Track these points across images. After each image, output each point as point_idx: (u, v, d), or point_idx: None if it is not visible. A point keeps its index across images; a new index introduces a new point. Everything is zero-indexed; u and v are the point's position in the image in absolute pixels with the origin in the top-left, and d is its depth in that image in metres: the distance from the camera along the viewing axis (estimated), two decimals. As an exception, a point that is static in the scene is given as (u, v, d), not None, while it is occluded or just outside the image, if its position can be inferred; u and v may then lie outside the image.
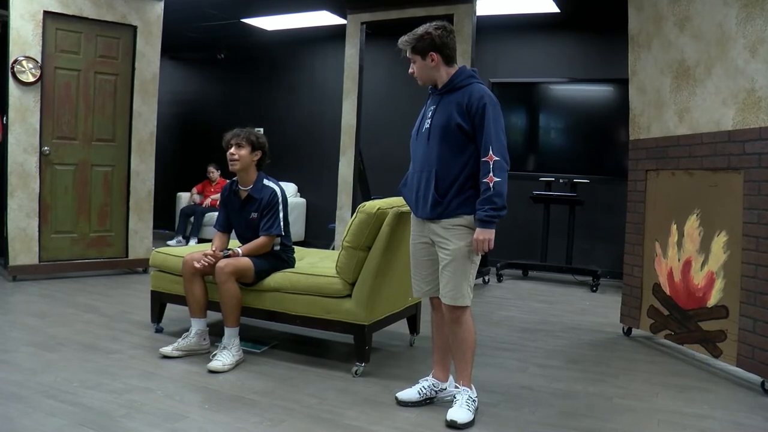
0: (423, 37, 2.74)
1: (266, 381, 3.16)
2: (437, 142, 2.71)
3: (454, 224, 2.71)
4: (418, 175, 2.80)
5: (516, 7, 6.44)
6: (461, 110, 2.67)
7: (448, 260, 2.73)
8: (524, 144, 6.73)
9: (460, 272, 2.72)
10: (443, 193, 2.70)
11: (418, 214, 2.83)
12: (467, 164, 2.69)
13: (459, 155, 2.69)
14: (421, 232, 2.86)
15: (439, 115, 2.74)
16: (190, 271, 3.48)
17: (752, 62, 3.27)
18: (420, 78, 2.81)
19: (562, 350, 3.96)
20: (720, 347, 3.47)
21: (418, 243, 2.89)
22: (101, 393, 2.88)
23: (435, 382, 2.94)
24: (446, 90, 2.76)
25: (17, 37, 5.14)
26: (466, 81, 2.74)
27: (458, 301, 2.73)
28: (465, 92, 2.70)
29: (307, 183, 8.49)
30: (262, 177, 3.64)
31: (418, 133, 2.84)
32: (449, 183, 2.69)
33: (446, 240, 2.73)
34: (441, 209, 2.71)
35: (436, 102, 2.78)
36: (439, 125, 2.71)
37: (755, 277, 3.23)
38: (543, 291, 6.02)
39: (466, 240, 2.71)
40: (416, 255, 2.92)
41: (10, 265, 5.25)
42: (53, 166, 5.47)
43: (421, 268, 2.91)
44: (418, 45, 2.74)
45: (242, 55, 8.99)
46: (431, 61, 2.74)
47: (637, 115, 4.28)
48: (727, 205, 3.47)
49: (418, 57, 2.76)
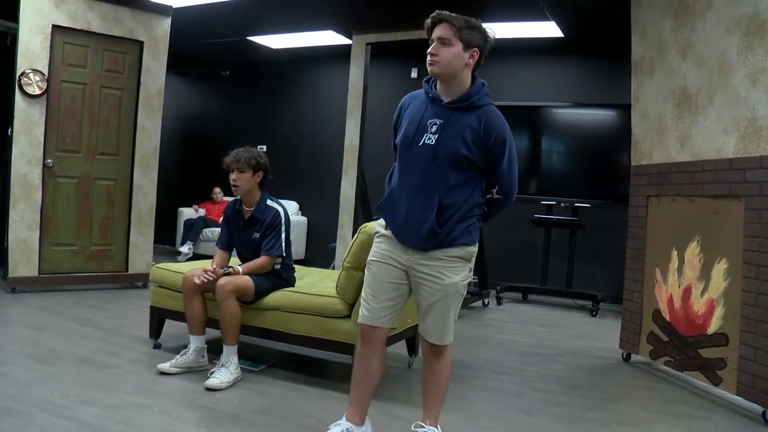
0: (478, 29, 2.36)
1: (263, 400, 3.14)
2: (443, 167, 2.36)
3: (449, 255, 2.40)
4: (410, 197, 2.41)
5: (520, 31, 6.50)
6: (476, 138, 2.34)
7: (438, 297, 2.41)
8: (526, 167, 6.74)
9: (450, 310, 2.45)
10: (443, 224, 2.37)
11: (404, 241, 2.44)
12: (472, 194, 2.42)
13: (465, 184, 2.39)
14: (397, 256, 2.46)
15: (449, 135, 2.35)
16: (190, 288, 3.48)
17: (753, 91, 3.30)
18: (444, 67, 2.34)
19: (561, 375, 3.94)
20: (720, 375, 3.45)
21: (387, 264, 2.48)
22: (97, 408, 2.86)
23: (350, 427, 2.53)
24: (460, 106, 2.38)
25: (25, 49, 5.18)
26: (483, 100, 2.40)
27: (448, 339, 2.50)
28: (482, 117, 2.36)
29: (308, 201, 8.50)
30: (266, 197, 3.65)
31: (413, 146, 2.41)
32: (451, 213, 2.37)
33: (439, 274, 2.40)
34: (438, 240, 2.38)
35: (444, 116, 2.38)
36: (447, 149, 2.35)
37: (756, 305, 3.22)
38: (542, 315, 6.00)
39: (461, 274, 2.43)
40: (380, 276, 2.49)
41: (9, 277, 5.24)
42: (56, 179, 5.49)
43: (378, 291, 2.48)
44: (467, 32, 2.34)
45: (247, 73, 9.05)
46: (470, 57, 2.35)
47: (639, 140, 4.30)
48: (727, 232, 3.47)
49: (459, 44, 2.32)
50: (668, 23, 3.98)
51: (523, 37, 6.66)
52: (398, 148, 2.52)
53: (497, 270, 6.81)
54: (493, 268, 6.62)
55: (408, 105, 2.55)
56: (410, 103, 2.54)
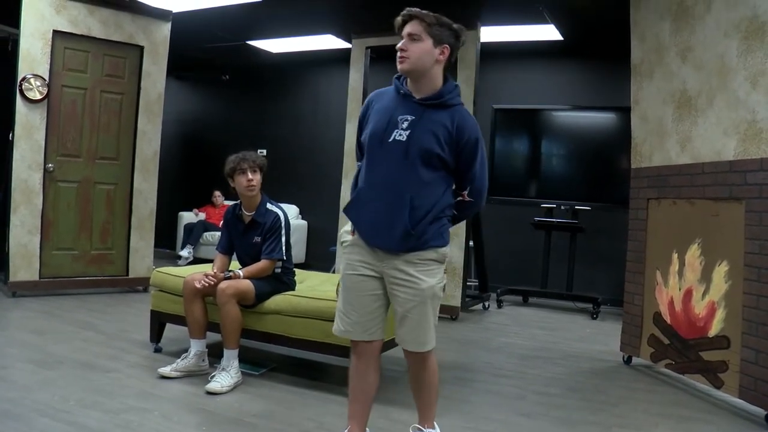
0: (449, 27, 2.32)
1: (264, 404, 3.14)
2: (415, 164, 2.29)
3: (423, 258, 2.32)
4: (379, 195, 2.34)
5: (520, 34, 6.52)
6: (448, 137, 2.30)
7: (415, 302, 2.32)
8: (526, 170, 6.76)
9: (429, 314, 2.35)
10: (416, 224, 2.28)
11: (375, 243, 2.35)
12: (443, 194, 2.36)
13: (437, 184, 2.33)
14: (369, 263, 2.38)
15: (421, 132, 2.29)
16: (191, 292, 3.48)
17: (753, 94, 3.30)
18: (413, 63, 2.30)
19: (562, 378, 3.93)
20: (721, 378, 3.45)
21: (361, 275, 2.39)
22: (98, 412, 2.86)
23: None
24: (432, 104, 2.33)
25: (26, 55, 5.20)
26: (455, 100, 2.36)
27: (426, 347, 2.39)
28: (453, 116, 2.32)
29: (308, 205, 8.50)
30: (266, 201, 3.65)
31: (383, 143, 2.33)
32: (423, 213, 2.29)
33: (413, 278, 2.31)
34: (412, 241, 2.29)
35: (416, 112, 2.32)
36: (419, 145, 2.29)
37: (757, 308, 3.22)
38: (543, 318, 6.00)
39: (437, 277, 2.36)
40: (355, 289, 2.41)
41: (10, 281, 5.25)
42: (57, 183, 5.49)
43: (358, 306, 2.40)
44: (438, 29, 2.30)
45: (247, 77, 9.07)
46: (440, 54, 2.31)
47: (639, 143, 4.30)
48: (728, 234, 3.47)
49: (429, 40, 2.29)
50: (667, 26, 3.99)
51: (522, 40, 6.69)
52: (366, 146, 2.41)
53: (498, 273, 6.81)
54: (494, 271, 6.62)
55: (375, 101, 2.48)
56: (378, 99, 2.47)
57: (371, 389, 2.51)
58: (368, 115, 2.47)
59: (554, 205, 6.43)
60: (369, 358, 2.47)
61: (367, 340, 2.44)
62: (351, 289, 2.43)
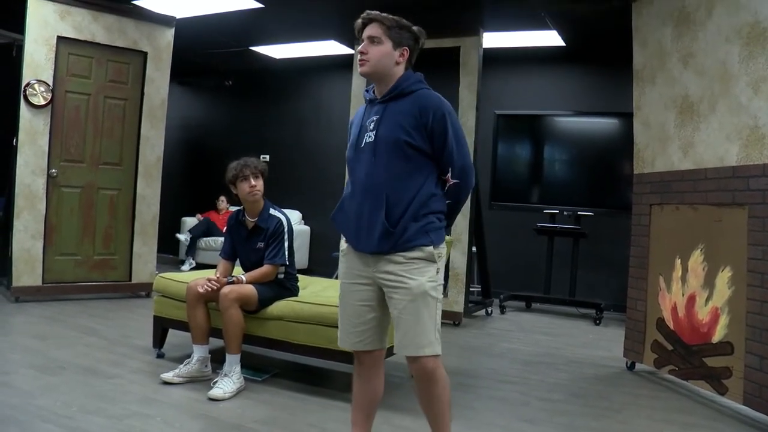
0: (408, 29, 2.34)
1: (267, 409, 3.13)
2: (385, 160, 2.25)
3: (409, 257, 2.24)
4: (359, 199, 2.30)
5: (522, 40, 6.53)
6: (414, 122, 2.24)
7: (406, 302, 2.22)
8: (528, 176, 6.76)
9: (424, 314, 2.22)
10: (395, 222, 2.22)
11: (359, 247, 2.31)
12: (423, 185, 2.26)
13: (413, 175, 2.25)
14: (359, 270, 2.34)
15: (385, 126, 2.27)
16: (193, 298, 3.48)
17: (755, 99, 3.30)
18: (373, 65, 2.30)
19: (565, 384, 3.92)
20: (725, 384, 3.44)
21: (354, 284, 2.36)
22: (100, 418, 2.86)
23: None
24: (391, 96, 2.31)
25: (30, 60, 5.22)
26: (415, 86, 2.32)
27: (425, 350, 2.22)
28: (415, 100, 2.28)
29: (311, 211, 8.51)
30: (269, 206, 3.66)
31: (357, 150, 2.34)
32: (402, 209, 2.22)
33: (401, 278, 2.23)
34: (393, 241, 2.22)
35: (380, 111, 2.31)
36: (386, 139, 2.25)
37: (761, 314, 3.21)
38: (546, 323, 5.99)
39: (427, 274, 2.24)
40: (348, 299, 2.38)
41: (13, 286, 5.26)
42: (60, 188, 5.51)
43: (352, 316, 2.37)
44: (397, 31, 2.32)
45: (250, 83, 9.09)
46: (400, 56, 2.32)
47: (641, 149, 4.30)
48: (731, 240, 3.47)
49: (389, 43, 2.30)
50: (669, 32, 3.99)
51: (524, 46, 6.70)
52: (347, 158, 2.43)
53: (500, 279, 6.80)
54: (496, 277, 6.61)
55: (353, 121, 2.50)
56: (356, 116, 2.49)
57: (374, 397, 2.47)
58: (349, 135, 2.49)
59: (557, 210, 6.43)
60: (371, 366, 2.43)
61: (363, 350, 2.40)
62: (345, 297, 2.40)
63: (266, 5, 5.88)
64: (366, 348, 2.39)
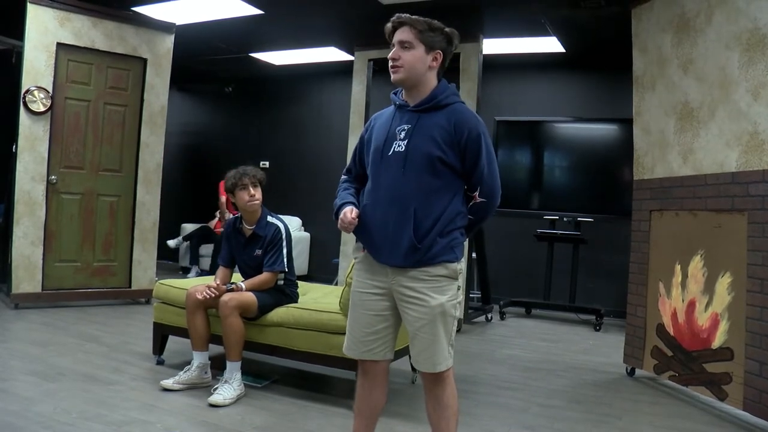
0: (441, 31, 2.26)
1: (267, 416, 3.13)
2: (416, 174, 2.18)
3: (432, 274, 2.19)
4: (384, 210, 2.22)
5: (522, 46, 6.54)
6: (447, 138, 2.19)
7: (425, 320, 2.20)
8: (529, 182, 6.76)
9: (441, 333, 2.21)
10: (422, 237, 2.17)
11: (382, 259, 2.25)
12: (452, 202, 2.22)
13: (442, 191, 2.20)
14: (376, 281, 2.29)
15: (418, 138, 2.20)
16: (193, 304, 3.48)
17: (755, 105, 3.31)
18: (406, 71, 2.25)
19: (565, 390, 3.92)
20: (725, 390, 3.43)
21: (368, 293, 2.31)
22: (100, 425, 2.85)
23: None
24: (426, 108, 2.25)
25: (30, 67, 5.23)
26: (451, 99, 2.26)
27: (441, 366, 2.24)
28: (450, 115, 2.22)
29: (311, 217, 8.50)
30: (266, 214, 3.66)
31: (383, 157, 2.26)
32: (430, 224, 2.17)
33: (422, 295, 2.19)
34: (419, 256, 2.17)
35: (412, 121, 2.25)
36: (418, 152, 2.19)
37: (761, 320, 3.21)
38: (546, 329, 5.98)
39: (448, 294, 2.22)
40: (360, 307, 2.33)
41: (12, 293, 5.25)
42: (60, 195, 5.51)
43: (363, 325, 2.31)
44: (430, 35, 2.23)
45: (250, 89, 9.10)
46: (433, 60, 2.25)
47: (641, 155, 4.31)
48: (731, 246, 3.47)
49: (421, 47, 2.23)
50: (669, 38, 4.01)
51: (524, 52, 6.71)
52: (370, 163, 2.34)
53: (500, 285, 6.80)
54: (496, 283, 6.61)
55: (376, 120, 2.43)
56: (379, 118, 2.43)
57: (377, 406, 2.45)
58: (370, 136, 2.41)
59: (557, 216, 6.43)
60: (376, 376, 2.39)
61: (369, 360, 2.35)
62: (357, 306, 2.35)
63: (266, 12, 5.89)
64: (373, 358, 2.34)
